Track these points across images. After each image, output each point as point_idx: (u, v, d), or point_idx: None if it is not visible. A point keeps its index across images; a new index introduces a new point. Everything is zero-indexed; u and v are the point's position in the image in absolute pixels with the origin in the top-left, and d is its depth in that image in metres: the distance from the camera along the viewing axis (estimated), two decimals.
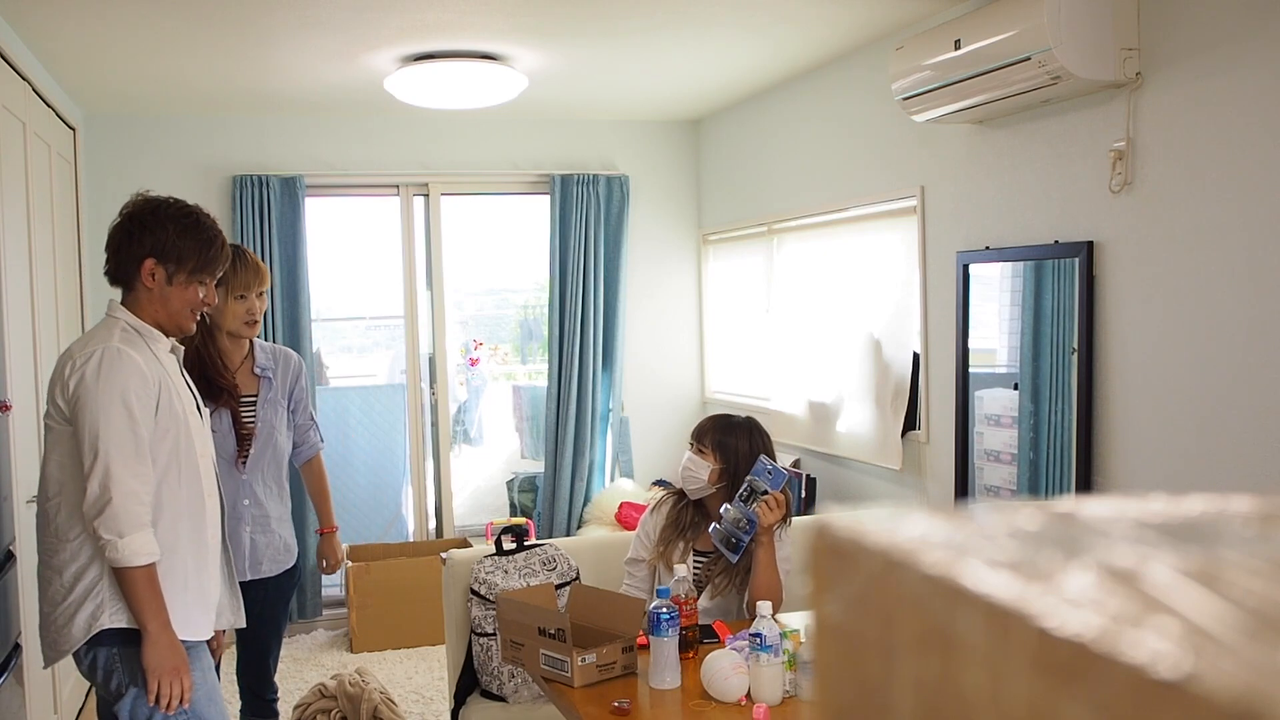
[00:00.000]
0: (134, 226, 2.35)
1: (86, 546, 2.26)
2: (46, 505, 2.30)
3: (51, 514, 2.29)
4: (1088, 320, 3.16)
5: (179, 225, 2.35)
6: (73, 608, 2.26)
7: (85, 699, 4.44)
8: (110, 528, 2.20)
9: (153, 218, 2.35)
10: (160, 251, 2.34)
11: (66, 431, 2.27)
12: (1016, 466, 3.48)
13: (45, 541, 2.32)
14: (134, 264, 2.35)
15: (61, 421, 2.27)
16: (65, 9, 3.46)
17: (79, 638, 2.26)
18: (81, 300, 4.83)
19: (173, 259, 2.35)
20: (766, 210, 5.17)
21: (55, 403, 2.27)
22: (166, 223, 2.35)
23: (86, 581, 2.26)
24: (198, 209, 2.43)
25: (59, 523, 2.27)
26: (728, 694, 2.44)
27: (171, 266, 2.35)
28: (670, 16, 3.78)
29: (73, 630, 2.26)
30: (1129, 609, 0.34)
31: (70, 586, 2.26)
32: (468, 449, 6.25)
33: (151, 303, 2.36)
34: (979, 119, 3.56)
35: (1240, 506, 0.44)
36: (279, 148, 5.37)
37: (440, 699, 4.41)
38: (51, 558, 2.29)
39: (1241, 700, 0.29)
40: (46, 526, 2.31)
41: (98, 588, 2.26)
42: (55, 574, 2.28)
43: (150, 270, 2.34)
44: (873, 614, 0.43)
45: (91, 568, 2.26)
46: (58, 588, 2.27)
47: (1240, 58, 2.68)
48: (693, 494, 3.06)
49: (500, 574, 3.25)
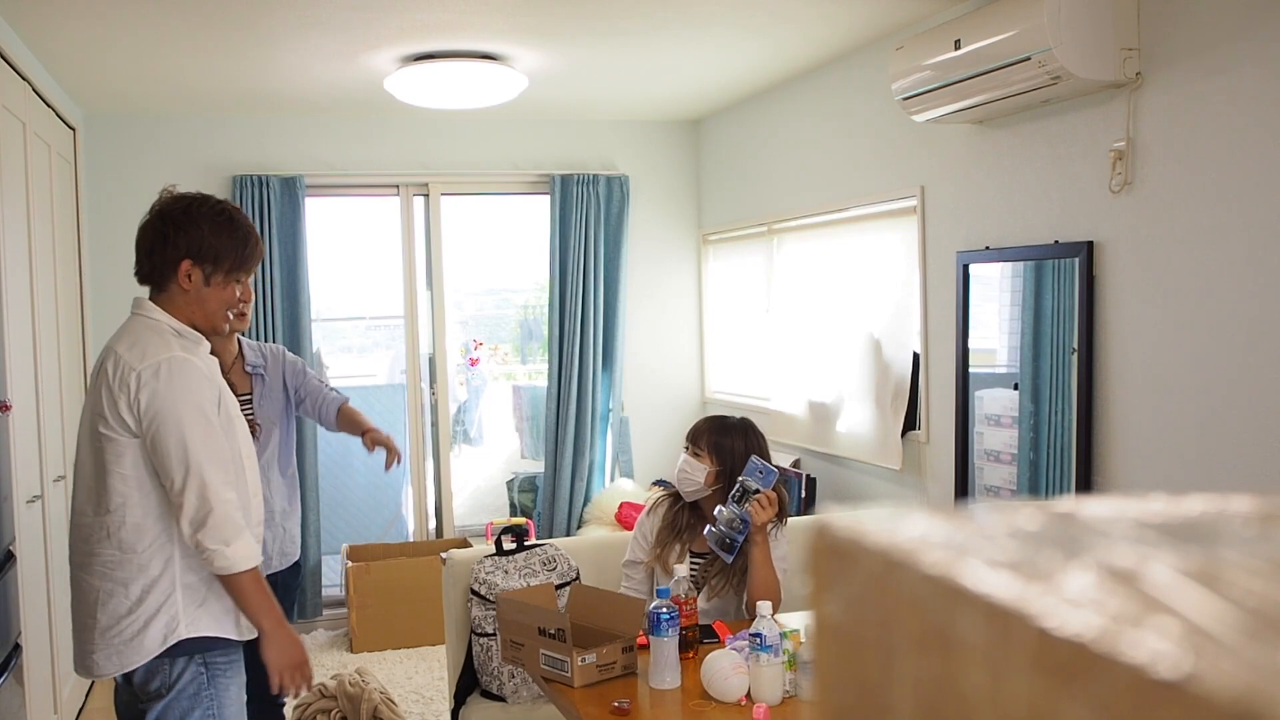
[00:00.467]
0: (167, 226, 2.27)
1: (157, 558, 2.20)
2: (106, 518, 2.21)
3: (113, 527, 2.20)
4: (1088, 320, 3.16)
5: (214, 224, 2.28)
6: (142, 620, 2.20)
7: (85, 699, 4.44)
8: (216, 537, 2.17)
9: (186, 217, 2.27)
10: (197, 252, 2.26)
11: (133, 444, 2.19)
12: (1016, 466, 3.48)
13: (101, 554, 2.22)
14: (170, 265, 2.27)
15: (126, 434, 2.19)
16: (65, 9, 3.46)
17: (153, 649, 2.20)
18: (81, 300, 4.83)
19: (210, 259, 2.27)
20: (766, 210, 5.17)
21: (119, 415, 2.18)
22: (201, 222, 2.27)
23: (159, 594, 2.20)
24: (231, 205, 2.37)
25: (123, 536, 2.20)
26: (728, 694, 2.44)
27: (209, 267, 2.28)
28: (670, 16, 3.78)
29: (145, 643, 2.20)
30: (1129, 609, 0.34)
31: (140, 599, 2.20)
32: (468, 449, 6.25)
33: (188, 304, 2.29)
34: (979, 119, 3.56)
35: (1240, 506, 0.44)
36: (279, 148, 5.37)
37: (440, 699, 4.41)
38: (113, 570, 2.21)
39: (1241, 700, 0.29)
40: (104, 539, 2.21)
41: (170, 599, 2.21)
42: (120, 586, 2.20)
43: (187, 271, 2.27)
44: (873, 614, 0.43)
45: (163, 580, 2.21)
46: (121, 600, 2.20)
47: (1240, 58, 2.68)
48: (689, 496, 3.06)
49: (500, 574, 3.25)
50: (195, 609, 2.23)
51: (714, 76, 4.82)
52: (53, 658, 3.80)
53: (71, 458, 4.29)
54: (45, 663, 3.70)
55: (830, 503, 4.56)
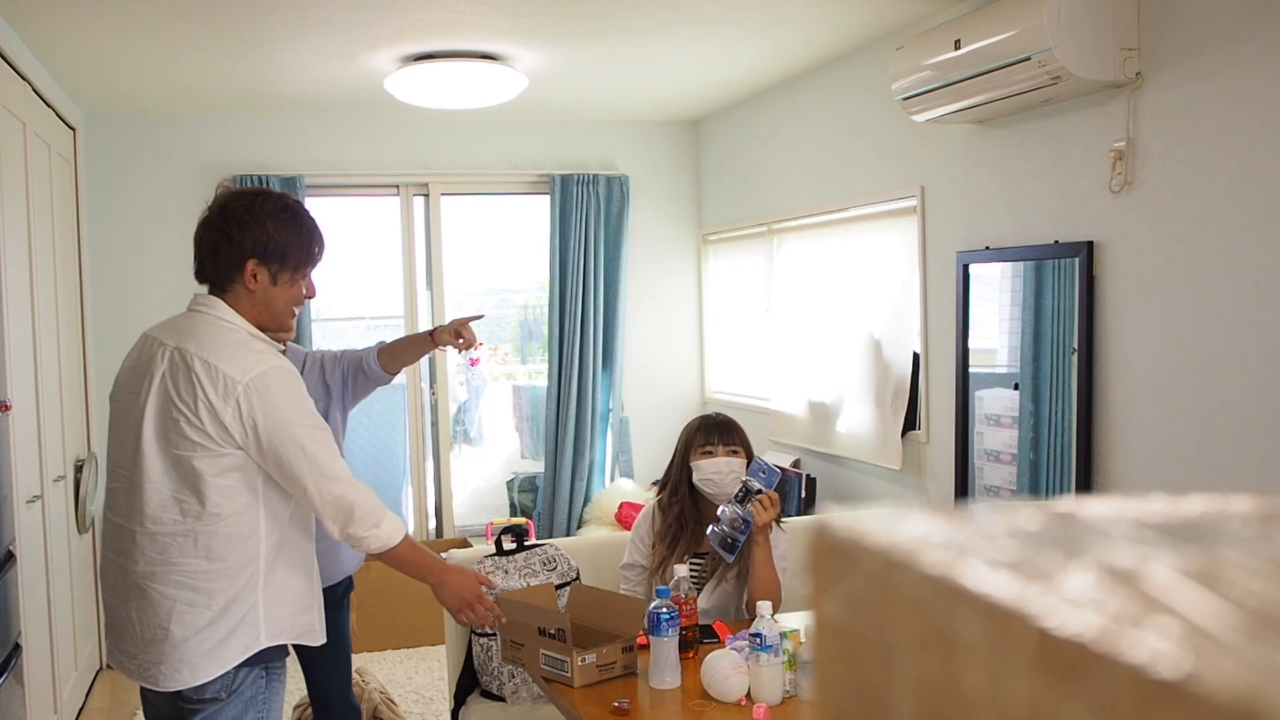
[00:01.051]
0: (230, 225, 2.19)
1: (246, 569, 2.15)
2: (195, 525, 2.12)
3: (204, 536, 2.12)
4: (1088, 320, 3.16)
5: (278, 220, 2.21)
6: (224, 631, 2.14)
7: (85, 699, 4.44)
8: (365, 525, 2.21)
9: (250, 214, 2.20)
10: (263, 251, 2.19)
11: (236, 455, 2.12)
12: (1016, 466, 3.48)
13: (183, 564, 2.12)
14: (235, 265, 2.19)
15: (229, 445, 2.11)
16: (65, 9, 3.46)
17: (234, 660, 2.15)
18: (81, 300, 4.83)
19: (276, 258, 2.20)
20: (766, 210, 5.17)
21: (221, 426, 2.09)
22: (265, 219, 2.20)
23: (244, 604, 2.15)
24: (294, 200, 2.30)
25: (214, 545, 2.12)
26: (728, 694, 2.44)
27: (275, 265, 2.21)
28: (670, 16, 3.78)
29: (226, 653, 2.14)
30: (1129, 609, 0.34)
31: (224, 609, 2.14)
32: (468, 449, 6.25)
33: (254, 304, 2.22)
34: (979, 119, 3.56)
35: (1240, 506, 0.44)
36: (279, 148, 5.37)
37: (440, 699, 4.41)
38: (197, 580, 2.12)
39: (1241, 700, 0.29)
40: (190, 548, 2.12)
41: (253, 610, 2.16)
42: (203, 597, 2.12)
43: (253, 271, 2.19)
44: (873, 614, 0.43)
45: (248, 591, 2.16)
46: (203, 611, 2.12)
47: (1240, 57, 2.68)
48: (724, 500, 2.97)
49: (500, 574, 3.25)
50: (274, 617, 2.20)
51: (714, 76, 4.82)
52: (53, 658, 3.80)
53: (72, 458, 4.31)
54: (45, 663, 3.70)
55: (830, 503, 4.56)
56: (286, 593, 2.23)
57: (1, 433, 3.26)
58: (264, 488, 2.18)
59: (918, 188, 3.99)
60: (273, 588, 2.20)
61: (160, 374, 2.14)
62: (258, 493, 2.17)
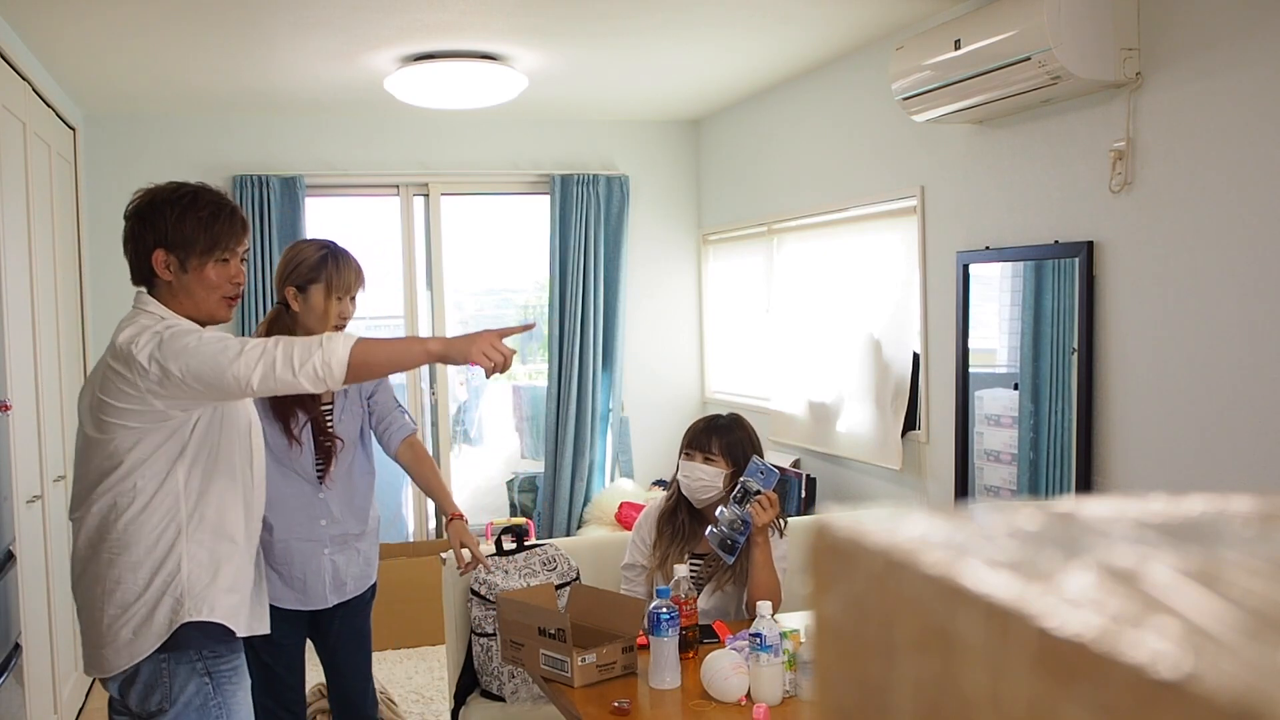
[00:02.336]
0: (136, 222, 2.25)
1: (164, 538, 2.17)
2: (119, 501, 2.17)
3: (126, 510, 2.17)
4: (1088, 320, 3.16)
5: (175, 208, 2.23)
6: (149, 604, 2.17)
7: (85, 699, 4.44)
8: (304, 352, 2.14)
9: (150, 208, 2.24)
10: (164, 239, 2.22)
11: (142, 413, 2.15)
12: (1016, 466, 3.48)
13: (104, 544, 2.18)
14: (145, 258, 2.23)
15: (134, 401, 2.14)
16: (65, 9, 3.46)
17: (160, 634, 2.16)
18: (81, 300, 4.83)
19: (179, 244, 2.22)
20: (766, 210, 5.17)
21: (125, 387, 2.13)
22: (163, 208, 2.23)
23: (164, 574, 2.17)
24: (198, 186, 2.30)
25: (135, 519, 2.17)
26: (728, 694, 2.44)
27: (181, 252, 2.22)
28: (670, 16, 3.78)
29: (152, 627, 2.16)
30: (1129, 609, 0.34)
31: (147, 582, 2.17)
32: (468, 449, 6.25)
33: (175, 296, 2.24)
34: (979, 119, 3.56)
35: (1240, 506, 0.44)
36: (279, 148, 5.37)
37: (440, 699, 4.41)
38: (122, 554, 2.17)
39: (1241, 700, 0.29)
40: (115, 523, 2.17)
41: (176, 580, 2.17)
42: (128, 571, 2.16)
43: (162, 261, 2.22)
44: (873, 614, 0.43)
45: (169, 560, 2.17)
46: (130, 586, 2.16)
47: (1240, 57, 2.68)
48: (702, 504, 3.03)
49: (500, 574, 3.25)
50: (201, 591, 2.20)
51: (714, 76, 4.82)
52: (53, 658, 3.80)
53: (72, 458, 4.30)
54: (45, 663, 3.70)
55: (830, 503, 4.56)
56: (214, 570, 2.22)
57: (1, 433, 3.26)
58: (180, 460, 2.20)
59: (918, 188, 3.99)
60: (198, 560, 2.20)
61: (96, 371, 2.25)
62: (171, 463, 2.19)
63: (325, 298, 2.83)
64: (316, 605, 2.89)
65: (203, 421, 2.23)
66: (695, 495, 3.02)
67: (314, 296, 2.83)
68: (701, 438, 3.05)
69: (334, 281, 2.84)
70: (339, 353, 2.16)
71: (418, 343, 2.29)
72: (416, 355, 2.30)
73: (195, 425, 2.22)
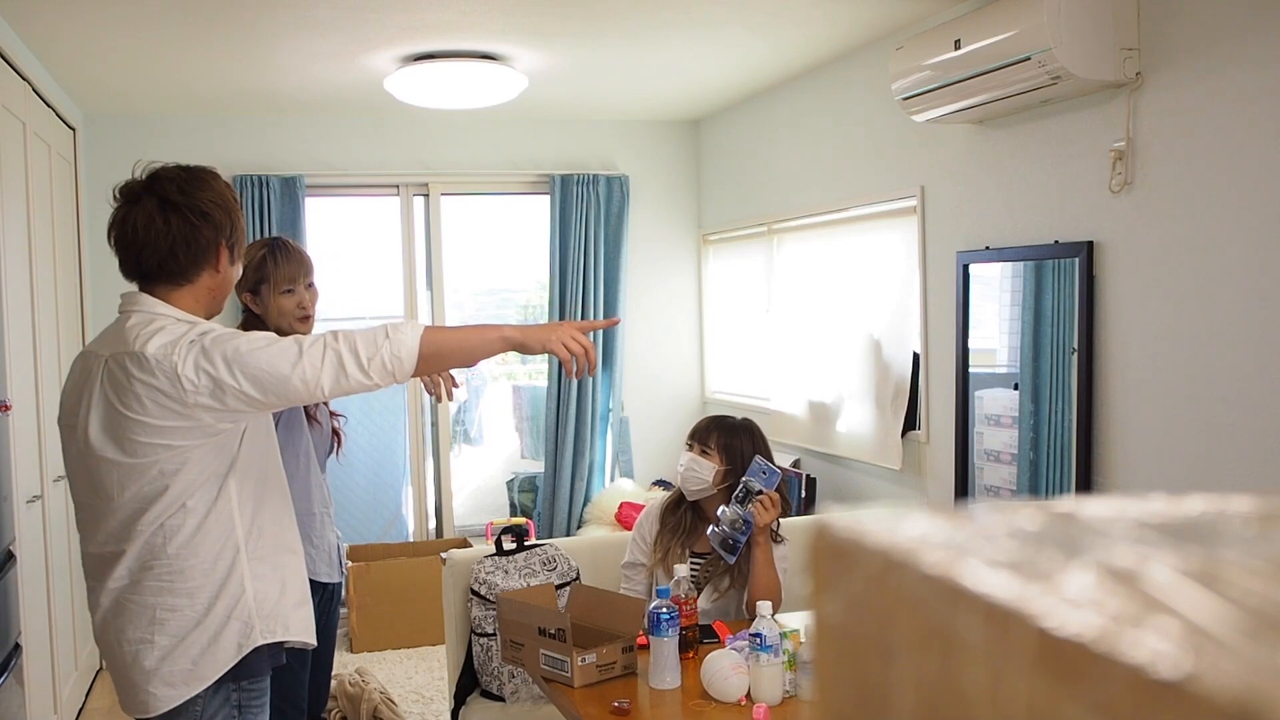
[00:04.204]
0: (205, 207, 2.03)
1: (223, 559, 2.01)
2: (169, 524, 1.98)
3: (176, 534, 1.98)
4: (1088, 320, 3.16)
5: (232, 195, 2.12)
6: (212, 630, 2.00)
7: (85, 699, 4.44)
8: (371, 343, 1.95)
9: (226, 200, 2.08)
10: (230, 229, 2.08)
11: (195, 448, 1.97)
12: (1016, 466, 3.48)
13: (156, 567, 1.99)
14: (211, 249, 2.04)
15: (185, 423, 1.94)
16: (65, 9, 3.46)
17: (228, 661, 2.01)
18: (81, 300, 4.83)
19: (238, 238, 2.11)
20: (766, 210, 5.17)
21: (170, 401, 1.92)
22: (225, 193, 2.09)
23: (227, 598, 2.01)
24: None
25: (188, 543, 1.99)
26: (728, 694, 2.44)
27: (234, 243, 2.10)
28: (671, 16, 3.78)
29: (218, 655, 2.00)
30: (1129, 609, 0.34)
31: (207, 608, 2.00)
32: (468, 449, 6.25)
33: (211, 290, 2.08)
34: (979, 119, 3.56)
35: (1240, 506, 0.44)
36: (279, 148, 5.37)
37: (440, 699, 4.41)
38: (177, 582, 1.99)
39: (1241, 700, 0.29)
40: (164, 551, 1.99)
41: (241, 602, 2.02)
42: (185, 599, 1.99)
43: (223, 252, 2.07)
44: (873, 614, 0.43)
45: (230, 582, 2.01)
46: (185, 612, 1.99)
47: (1240, 57, 2.68)
48: (693, 495, 3.04)
49: (500, 574, 3.25)
50: (272, 610, 2.06)
51: (714, 76, 4.82)
52: (53, 658, 3.80)
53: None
54: (45, 663, 3.70)
55: (830, 503, 4.56)
56: (280, 587, 2.08)
57: (1, 433, 3.26)
58: (231, 475, 2.03)
59: (918, 188, 3.99)
60: (261, 579, 2.05)
61: (98, 387, 1.98)
62: (222, 479, 2.02)
63: (275, 294, 2.84)
64: (336, 578, 2.95)
65: (252, 427, 2.07)
66: (685, 486, 3.04)
67: (266, 296, 2.85)
68: (703, 431, 3.06)
69: (275, 276, 2.84)
70: (408, 342, 1.98)
71: (492, 329, 2.11)
72: (492, 342, 2.10)
73: (245, 433, 2.04)
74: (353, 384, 1.96)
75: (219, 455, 2.01)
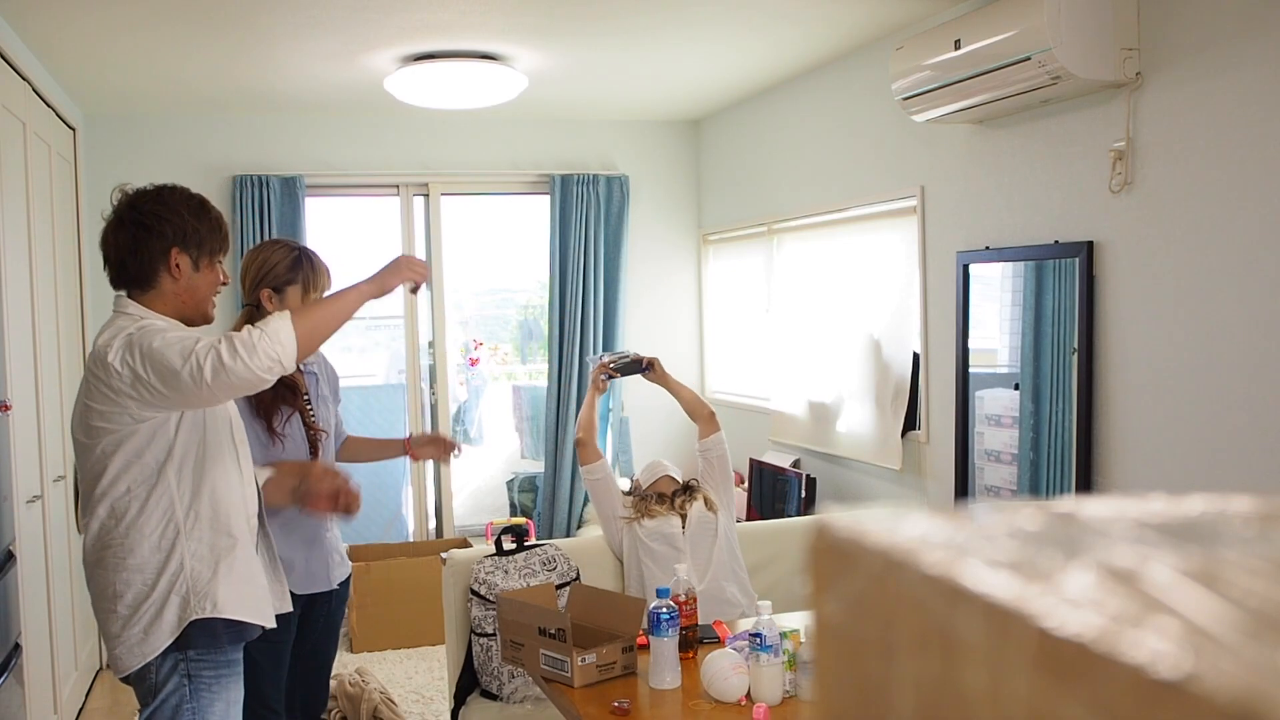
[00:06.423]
0: (148, 219, 2.25)
1: (165, 538, 2.20)
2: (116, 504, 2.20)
3: (124, 514, 2.19)
4: (1088, 320, 3.16)
5: (190, 208, 2.29)
6: (158, 604, 2.20)
7: (85, 699, 4.44)
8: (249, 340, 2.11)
9: (164, 208, 2.27)
10: (182, 238, 2.26)
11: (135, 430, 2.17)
12: (1016, 466, 3.48)
13: (109, 550, 2.21)
14: (159, 257, 2.25)
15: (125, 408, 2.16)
16: (65, 9, 3.46)
17: (171, 632, 2.19)
18: (81, 300, 4.83)
19: (194, 243, 2.27)
20: (766, 210, 5.17)
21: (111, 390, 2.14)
22: (179, 209, 2.27)
23: (170, 574, 2.20)
24: (196, 193, 2.38)
25: (134, 522, 2.19)
26: (728, 694, 2.44)
27: (194, 251, 2.28)
28: (670, 16, 3.78)
29: (163, 626, 2.19)
30: (1129, 609, 0.34)
31: (153, 583, 2.20)
32: (468, 449, 6.25)
33: (177, 295, 2.28)
34: (979, 119, 3.56)
35: (1240, 506, 0.44)
36: (279, 148, 5.37)
37: (440, 699, 4.41)
38: (124, 559, 2.19)
39: (1241, 700, 0.29)
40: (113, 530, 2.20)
41: (181, 578, 2.20)
42: (135, 574, 2.19)
43: (176, 261, 2.26)
44: (873, 614, 0.43)
45: (172, 559, 2.20)
46: (139, 588, 2.19)
47: (1240, 57, 2.68)
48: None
49: (500, 574, 3.25)
50: (204, 588, 2.21)
51: (714, 76, 4.82)
52: (53, 658, 3.80)
53: (72, 458, 4.30)
54: (45, 663, 3.70)
55: (830, 503, 4.56)
56: (215, 563, 2.23)
57: (1, 433, 3.26)
58: (169, 463, 2.21)
59: (918, 188, 3.99)
60: (199, 559, 2.22)
61: (82, 380, 2.26)
62: (160, 466, 2.21)
63: (303, 298, 2.87)
64: (321, 587, 2.91)
65: (186, 420, 2.23)
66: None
67: (291, 298, 2.86)
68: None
69: (311, 281, 2.90)
70: (283, 331, 2.15)
71: (351, 290, 2.34)
72: (353, 300, 2.34)
73: (179, 425, 2.22)
74: (235, 378, 2.11)
75: (155, 442, 2.21)
